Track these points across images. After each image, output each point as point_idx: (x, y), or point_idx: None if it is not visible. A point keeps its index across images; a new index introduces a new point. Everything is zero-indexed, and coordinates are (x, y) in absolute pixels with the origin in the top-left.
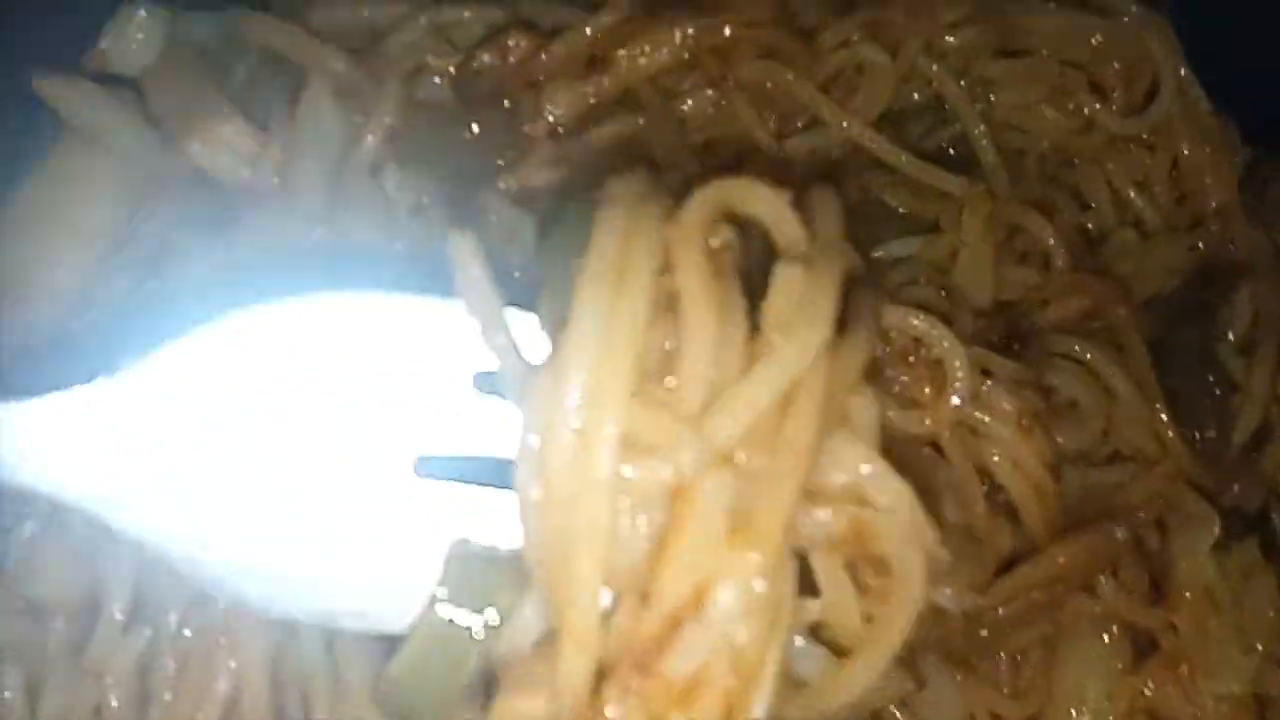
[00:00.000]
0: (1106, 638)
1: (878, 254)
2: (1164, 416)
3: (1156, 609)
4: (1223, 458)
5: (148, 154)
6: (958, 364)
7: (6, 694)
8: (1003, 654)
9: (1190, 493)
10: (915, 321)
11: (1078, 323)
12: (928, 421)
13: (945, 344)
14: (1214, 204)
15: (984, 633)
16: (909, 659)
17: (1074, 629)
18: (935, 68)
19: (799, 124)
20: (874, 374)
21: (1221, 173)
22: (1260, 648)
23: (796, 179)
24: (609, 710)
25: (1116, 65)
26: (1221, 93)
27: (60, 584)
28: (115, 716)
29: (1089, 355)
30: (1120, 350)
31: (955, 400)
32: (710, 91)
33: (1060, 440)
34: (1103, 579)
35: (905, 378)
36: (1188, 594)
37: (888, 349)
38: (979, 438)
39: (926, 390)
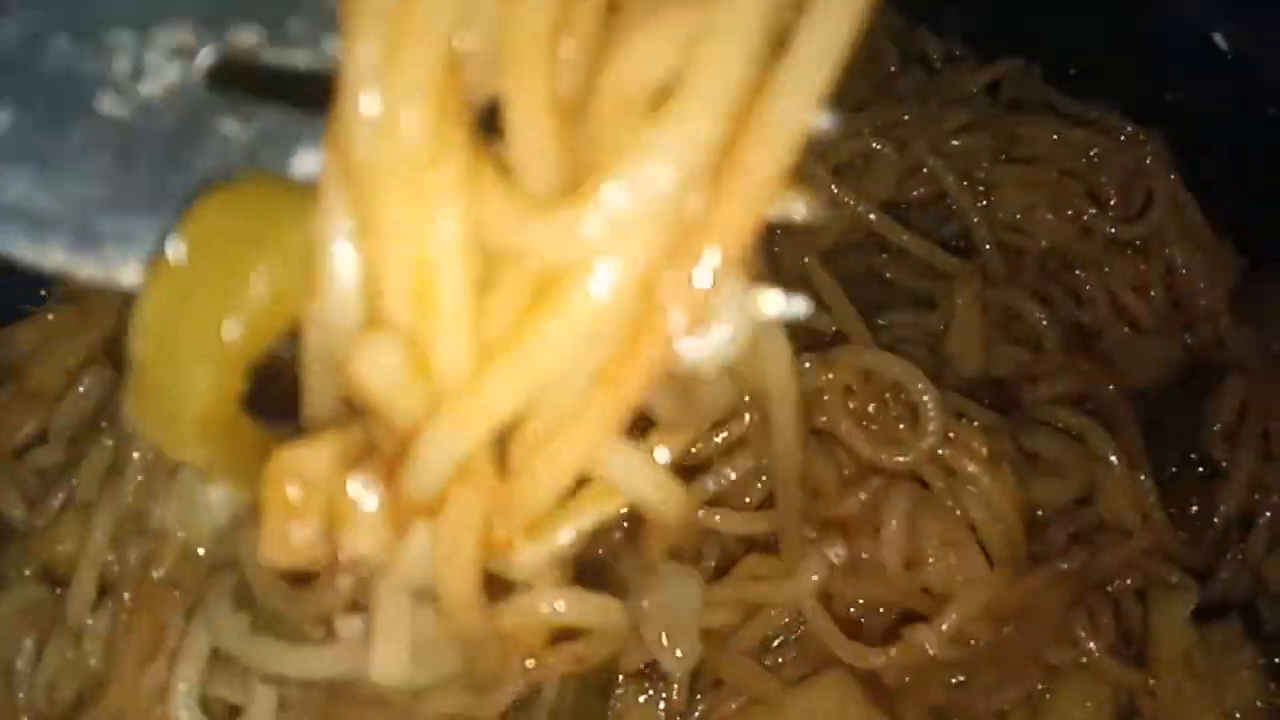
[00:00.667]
0: (1090, 703)
1: (881, 321)
2: (1148, 487)
3: (1137, 671)
4: (1204, 537)
5: None
6: (929, 402)
7: (19, 664)
8: (987, 713)
9: (1169, 564)
10: (895, 367)
11: (1068, 401)
12: (906, 458)
13: (919, 385)
14: (1206, 308)
15: (961, 679)
16: (891, 708)
17: (1056, 691)
18: (939, 164)
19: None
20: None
21: (1214, 279)
22: (1239, 718)
23: None
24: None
25: (1113, 177)
26: (1215, 206)
27: (74, 551)
28: (85, 677)
29: (1076, 422)
30: (1109, 426)
31: (931, 432)
32: None
33: (1037, 494)
34: (1082, 632)
35: (887, 418)
36: (1167, 659)
37: (871, 391)
38: (954, 477)
39: (902, 429)
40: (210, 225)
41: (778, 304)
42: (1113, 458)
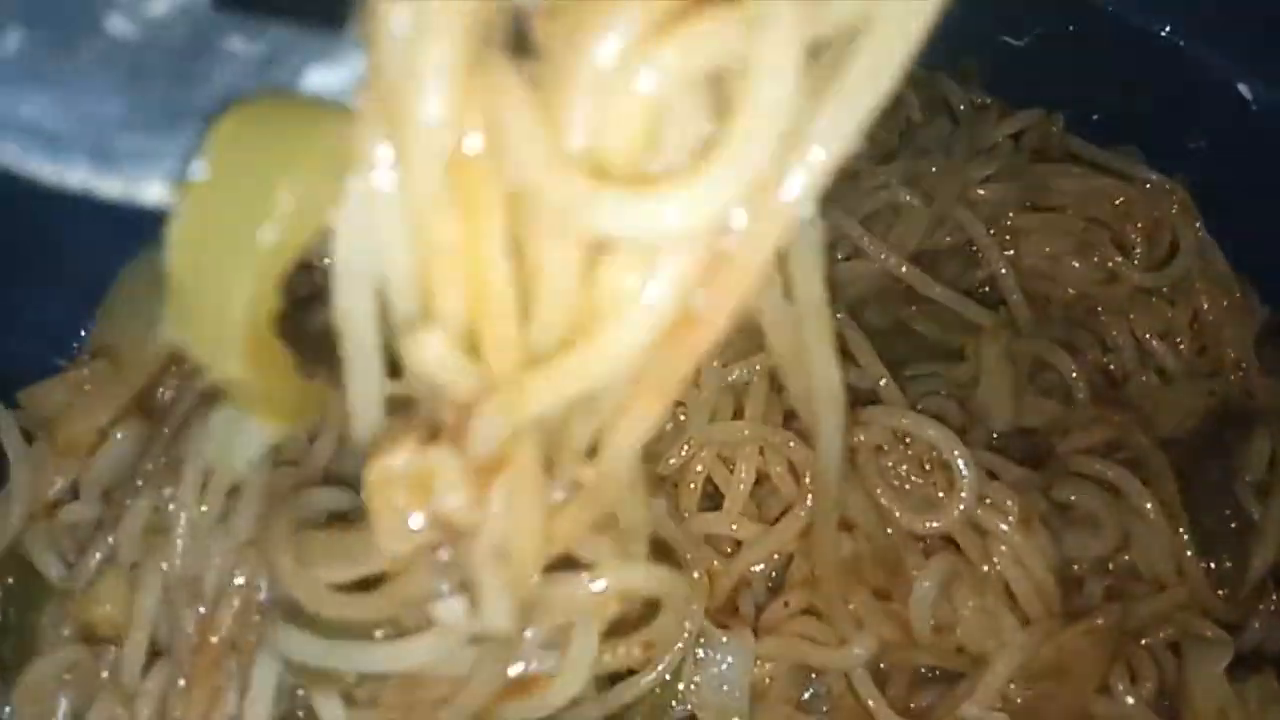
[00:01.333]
0: None
1: (908, 373)
2: (1185, 539)
3: None
4: (1238, 590)
5: None
6: (962, 463)
7: None
8: None
9: (1204, 619)
10: (929, 430)
11: (1100, 452)
12: (937, 524)
13: (954, 451)
14: (1233, 355)
15: None
16: None
17: None
18: (967, 215)
19: (840, 255)
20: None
21: (1240, 326)
22: None
23: None
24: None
25: (1138, 224)
26: (1240, 254)
27: (118, 612)
28: None
29: (1110, 474)
30: (1144, 477)
31: (964, 498)
32: None
33: (1071, 548)
34: (1120, 685)
35: (919, 480)
36: (1203, 714)
37: (904, 452)
38: (986, 536)
39: (939, 492)
40: (234, 140)
41: None
42: (1149, 509)
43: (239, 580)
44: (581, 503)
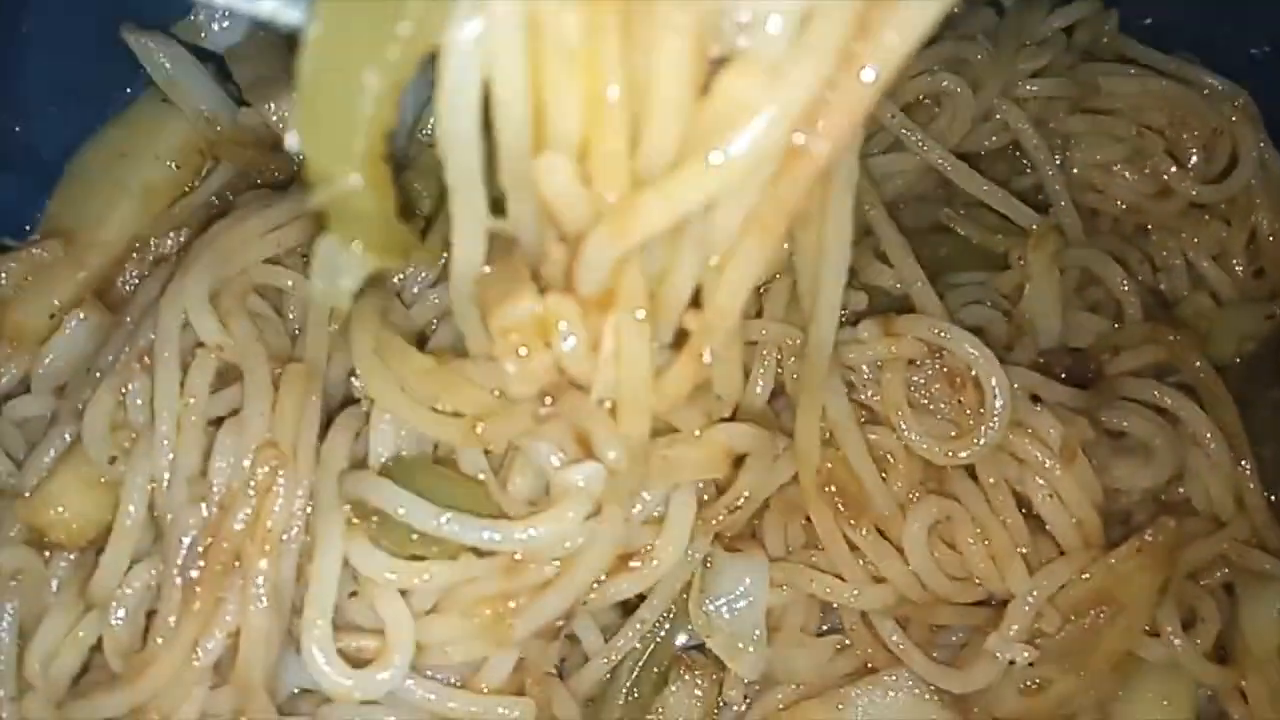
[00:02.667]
0: (1167, 703)
1: (946, 280)
2: (1248, 470)
3: (1224, 668)
4: None
5: (218, 115)
6: (995, 383)
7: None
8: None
9: (1261, 553)
10: (967, 348)
11: (1152, 375)
12: (964, 454)
13: (990, 376)
14: None
15: (1036, 681)
16: (964, 708)
17: (1130, 690)
18: (1014, 111)
19: (876, 149)
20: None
21: None
22: None
23: None
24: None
25: (1195, 133)
26: None
27: (73, 515)
28: (117, 649)
29: (1169, 400)
30: (1202, 404)
31: (991, 429)
32: None
33: (1121, 477)
34: (1169, 627)
35: (951, 401)
36: (1257, 655)
37: (938, 368)
38: (1022, 465)
39: (969, 415)
40: None
41: None
42: (1208, 438)
43: (256, 481)
44: (687, 361)
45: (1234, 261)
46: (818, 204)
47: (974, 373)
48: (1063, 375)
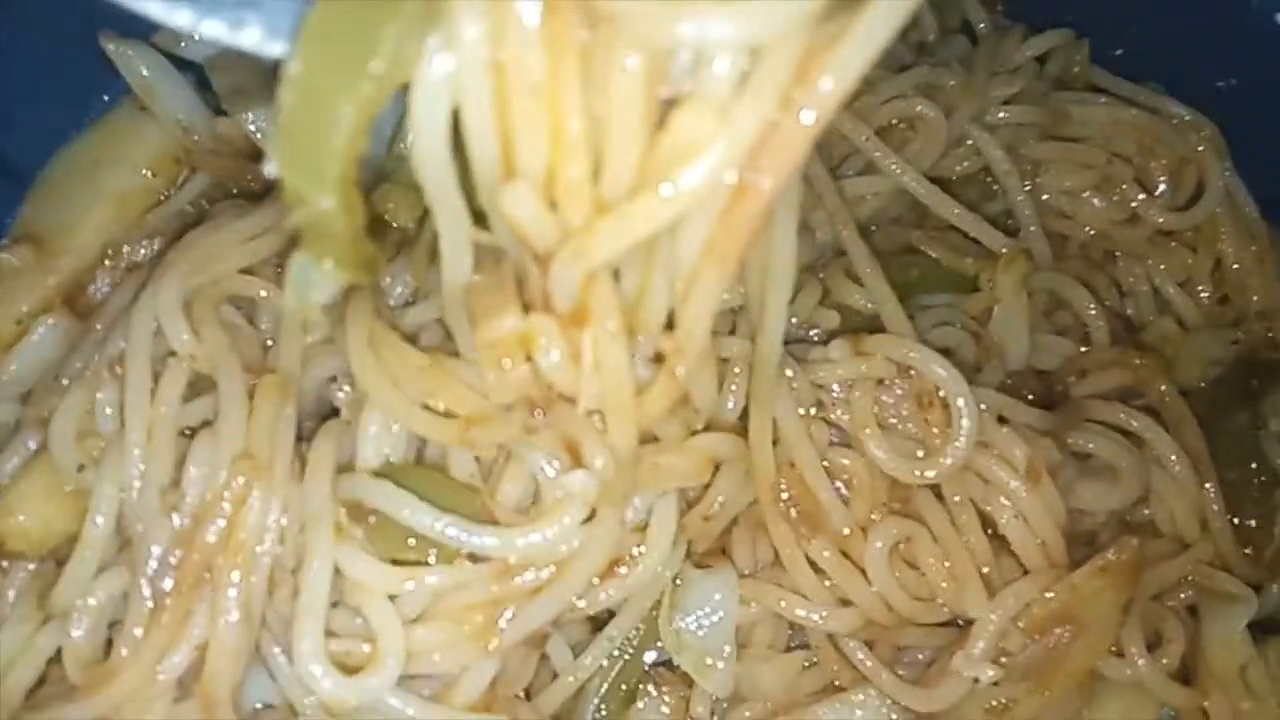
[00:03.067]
0: None
1: (915, 302)
2: (1212, 493)
3: (1187, 689)
4: (1263, 549)
5: (195, 124)
6: (962, 403)
7: None
8: None
9: (1225, 574)
10: (936, 368)
11: (1118, 398)
12: (930, 474)
13: (958, 396)
14: (1258, 305)
15: (1002, 701)
16: None
17: (1094, 710)
18: (985, 137)
19: (850, 171)
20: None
21: (1266, 276)
22: None
23: None
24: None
25: (1163, 161)
26: (1270, 201)
27: (34, 524)
28: (77, 660)
29: (1135, 422)
30: (1167, 426)
31: (958, 449)
32: None
33: (1086, 499)
34: (1133, 648)
35: (919, 420)
36: (1220, 675)
37: (904, 389)
38: (988, 485)
39: (935, 434)
40: None
41: None
42: (1174, 460)
43: (230, 492)
44: (665, 378)
45: (1199, 288)
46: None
47: (942, 393)
48: (1030, 397)
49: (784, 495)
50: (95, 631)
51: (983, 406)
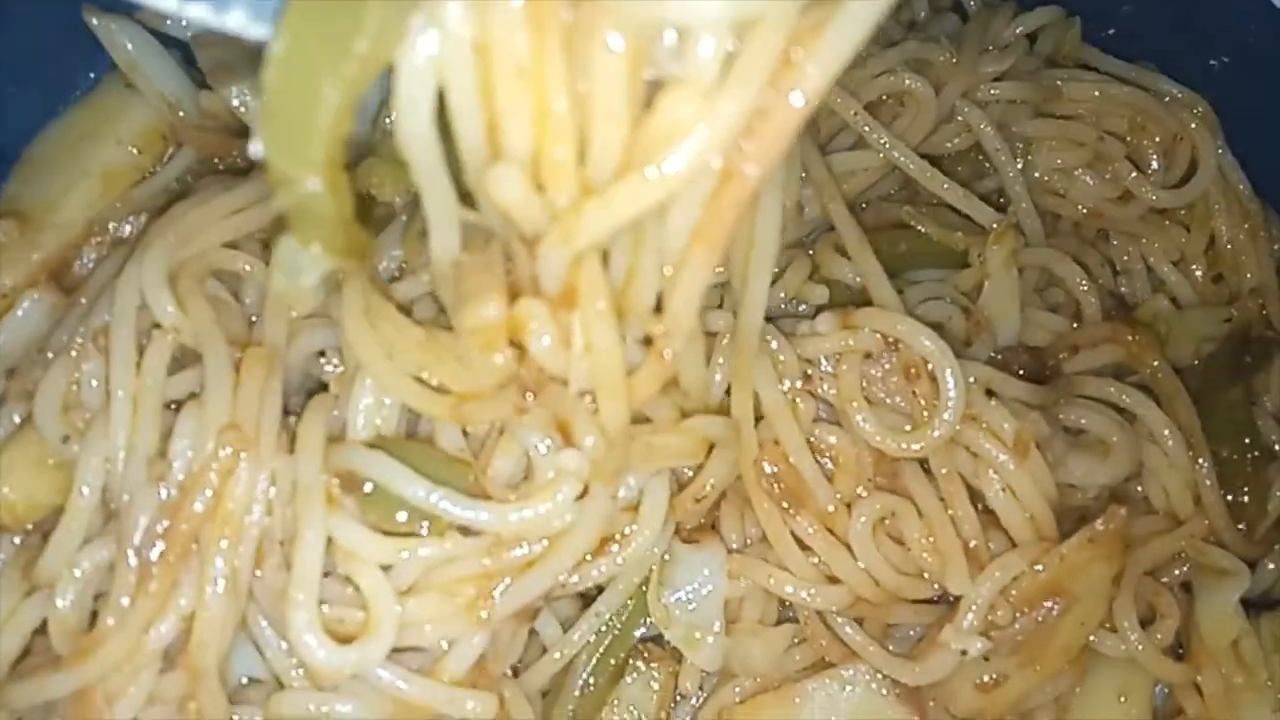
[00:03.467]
0: (1123, 699)
1: (906, 277)
2: (1206, 468)
3: (1180, 664)
4: (1256, 525)
5: (180, 100)
6: (949, 375)
7: None
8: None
9: (1219, 549)
10: (923, 340)
11: (1110, 373)
12: (917, 446)
13: (945, 366)
14: (1251, 283)
15: (994, 677)
16: (920, 704)
17: (1086, 684)
18: (976, 112)
19: (840, 146)
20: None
21: (1260, 254)
22: None
23: None
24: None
25: (1156, 139)
26: (1263, 178)
27: (19, 497)
28: (63, 630)
29: (1126, 398)
30: (1160, 403)
31: (945, 420)
32: None
33: (1076, 474)
34: (1126, 623)
35: (906, 393)
36: (1213, 650)
37: (891, 362)
38: (976, 459)
39: (923, 407)
40: None
41: None
42: (1166, 436)
43: (218, 463)
44: (654, 360)
45: (1193, 266)
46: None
47: (929, 366)
48: (1020, 373)
49: (768, 471)
50: (81, 602)
51: (971, 380)
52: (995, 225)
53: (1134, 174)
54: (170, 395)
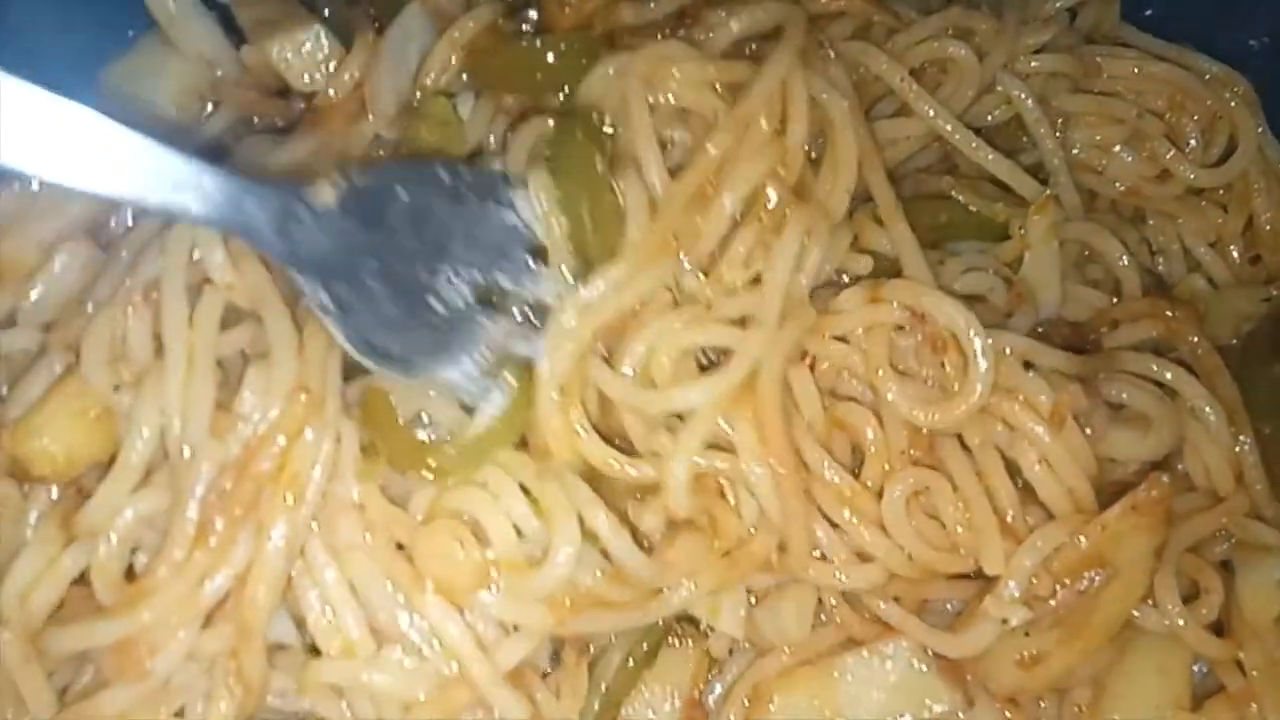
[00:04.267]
0: (1162, 675)
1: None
2: (1249, 445)
3: (1221, 640)
4: None
5: (219, 58)
6: (977, 345)
7: None
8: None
9: (1261, 524)
10: (949, 310)
11: (1149, 349)
12: (947, 417)
13: (972, 335)
14: None
15: (1034, 653)
16: (960, 679)
17: (1124, 660)
18: (1016, 83)
19: (882, 113)
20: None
21: None
22: None
23: None
24: None
25: (1195, 117)
26: None
27: (59, 449)
28: (108, 580)
29: (1169, 375)
30: (1201, 379)
31: (977, 384)
32: None
33: (1118, 448)
34: (1168, 598)
35: (935, 365)
36: (1255, 626)
37: (921, 333)
38: (1012, 431)
39: (954, 379)
40: None
41: None
42: (1208, 412)
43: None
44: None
45: (1230, 248)
46: None
47: (957, 337)
48: (1060, 347)
49: None
50: (122, 553)
51: (1007, 350)
52: (1035, 196)
53: (1172, 152)
54: (221, 351)
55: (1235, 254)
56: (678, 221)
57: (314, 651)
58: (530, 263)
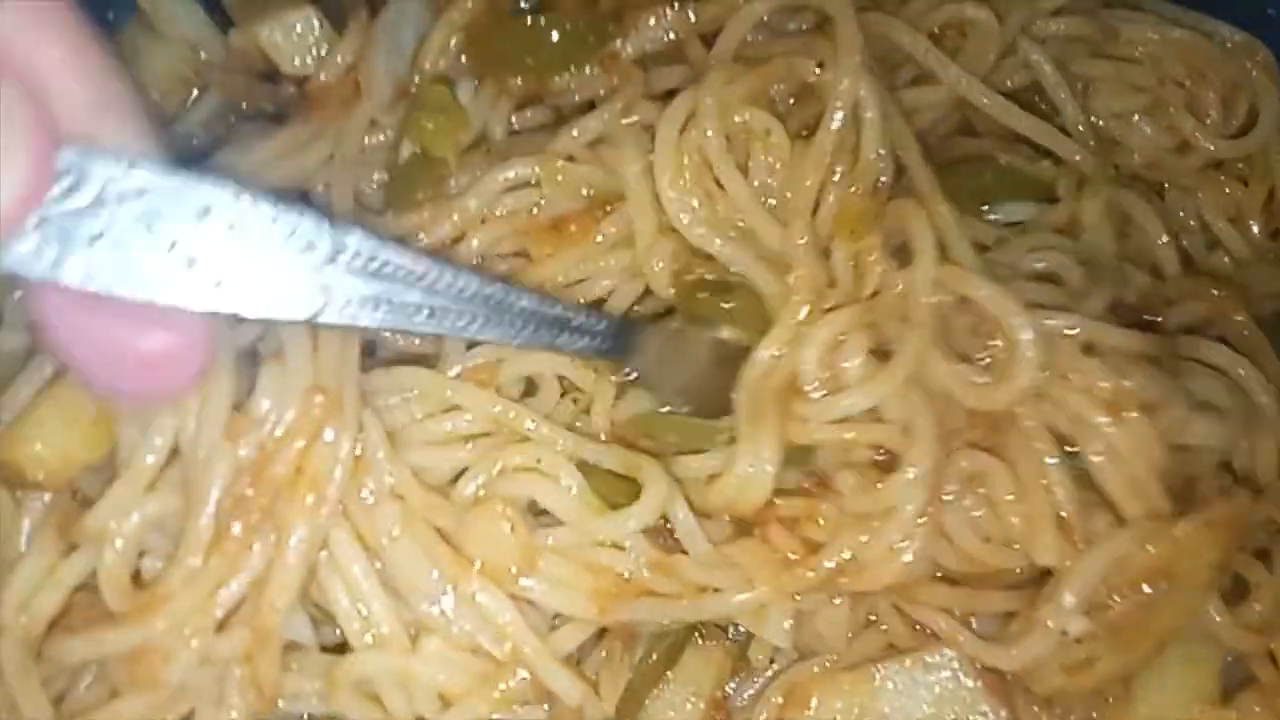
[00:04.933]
0: (1192, 668)
1: (992, 216)
2: None
3: (1254, 634)
4: None
5: (203, 43)
6: (1016, 323)
7: None
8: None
9: None
10: (982, 290)
11: (1199, 331)
12: (997, 398)
13: (1001, 304)
14: None
15: (1084, 658)
16: (1006, 693)
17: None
18: (1035, 48)
19: (902, 82)
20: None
21: None
22: None
23: None
24: None
25: (1215, 87)
26: None
27: (53, 454)
28: (117, 587)
29: (1222, 359)
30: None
31: (1023, 375)
32: None
33: (1196, 435)
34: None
35: (983, 348)
36: None
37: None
38: (1072, 421)
39: (1004, 363)
40: None
41: None
42: (1265, 398)
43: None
44: None
45: (1250, 223)
46: None
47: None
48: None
49: None
50: (130, 559)
51: (1075, 331)
52: (1077, 160)
53: (1192, 123)
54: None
55: (1256, 229)
56: None
57: (327, 650)
58: None
